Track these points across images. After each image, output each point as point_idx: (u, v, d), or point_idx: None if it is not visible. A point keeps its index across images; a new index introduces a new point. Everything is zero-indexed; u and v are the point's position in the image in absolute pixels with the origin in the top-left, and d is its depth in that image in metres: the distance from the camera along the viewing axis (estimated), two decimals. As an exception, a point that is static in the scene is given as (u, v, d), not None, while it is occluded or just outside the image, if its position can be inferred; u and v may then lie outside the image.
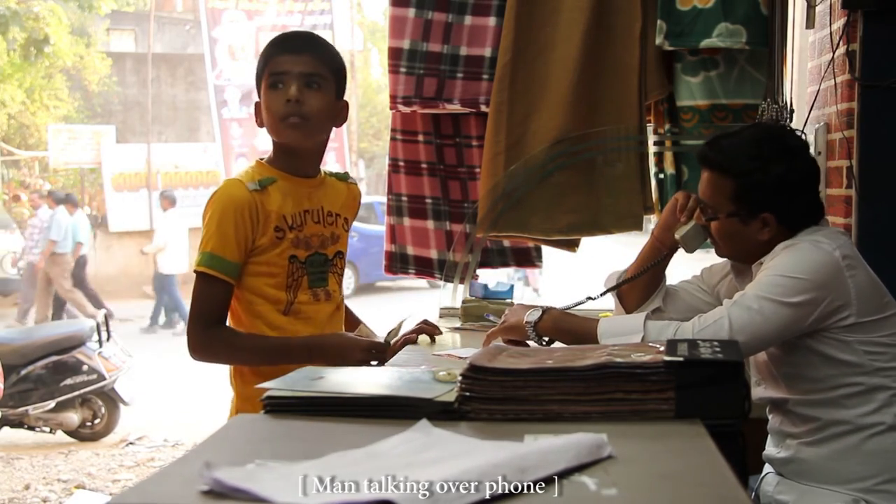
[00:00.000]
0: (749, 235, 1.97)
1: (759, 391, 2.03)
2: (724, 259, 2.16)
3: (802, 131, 2.19)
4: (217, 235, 1.95)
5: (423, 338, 2.28)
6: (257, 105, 2.06)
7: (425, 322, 2.30)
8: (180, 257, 11.62)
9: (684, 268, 2.40)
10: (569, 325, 1.98)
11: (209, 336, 1.98)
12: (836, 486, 1.90)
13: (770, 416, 2.07)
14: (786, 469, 1.99)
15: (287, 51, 2.02)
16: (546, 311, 2.01)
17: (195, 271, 1.98)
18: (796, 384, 1.95)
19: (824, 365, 1.90)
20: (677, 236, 2.09)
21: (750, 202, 1.95)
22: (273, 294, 2.01)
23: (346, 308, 2.26)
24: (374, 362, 2.03)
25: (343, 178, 2.20)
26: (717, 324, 1.82)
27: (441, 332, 2.23)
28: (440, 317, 2.94)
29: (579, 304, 2.19)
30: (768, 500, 2.01)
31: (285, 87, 1.98)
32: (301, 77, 1.99)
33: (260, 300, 2.01)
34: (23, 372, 6.02)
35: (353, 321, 2.27)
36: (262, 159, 2.09)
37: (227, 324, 2.03)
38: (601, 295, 2.18)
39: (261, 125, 2.05)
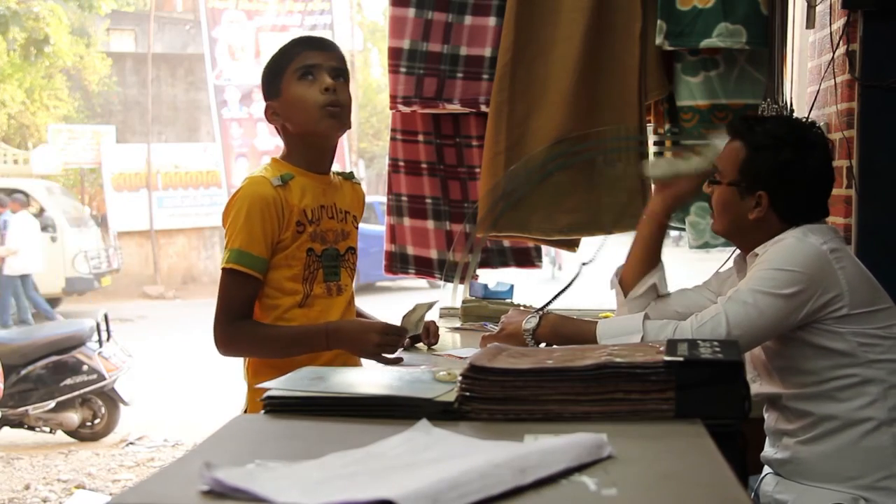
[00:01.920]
0: (741, 210, 2.02)
1: (754, 387, 2.04)
2: (730, 266, 2.19)
3: (832, 142, 2.22)
4: (245, 232, 1.97)
5: (421, 345, 2.29)
6: (271, 106, 2.07)
7: (431, 324, 2.30)
8: (33, 258, 11.56)
9: (686, 268, 2.40)
10: (567, 330, 1.99)
11: (233, 330, 1.99)
12: (835, 485, 1.91)
13: (766, 415, 2.08)
14: (784, 470, 2.00)
15: (315, 47, 2.06)
16: (543, 316, 2.01)
17: (223, 268, 1.99)
18: (790, 377, 1.97)
19: (817, 356, 1.92)
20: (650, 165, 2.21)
21: (752, 176, 2.00)
22: (290, 286, 2.04)
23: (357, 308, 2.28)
24: (391, 347, 2.02)
25: (349, 177, 2.24)
26: (714, 320, 1.84)
27: (436, 342, 2.25)
28: (440, 317, 2.95)
29: (566, 288, 2.21)
30: (768, 499, 2.01)
31: (318, 78, 2.02)
32: (331, 70, 2.03)
33: (277, 292, 2.04)
34: (23, 372, 6.02)
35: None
36: (275, 157, 2.13)
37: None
38: (580, 269, 2.20)
39: (276, 123, 2.07)
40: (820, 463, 1.93)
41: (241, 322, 2.00)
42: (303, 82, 2.02)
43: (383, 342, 2.00)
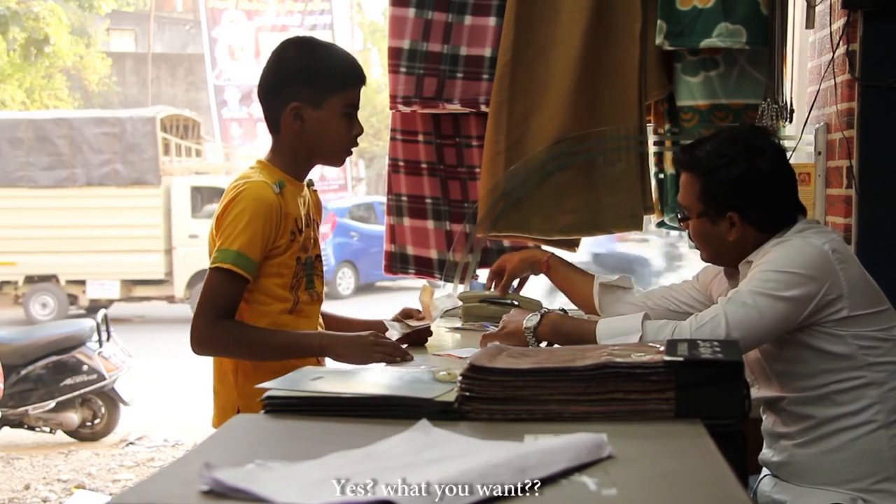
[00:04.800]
0: (719, 236, 2.01)
1: (752, 391, 2.04)
2: None
3: (777, 136, 2.24)
4: (246, 234, 1.97)
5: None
6: (299, 109, 2.05)
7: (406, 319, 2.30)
8: None
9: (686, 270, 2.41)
10: (567, 329, 1.99)
11: (219, 328, 1.98)
12: (833, 487, 1.91)
13: (763, 417, 2.08)
14: (782, 472, 2.00)
15: (363, 83, 2.13)
16: (544, 315, 2.01)
17: (218, 267, 1.98)
18: (789, 382, 1.96)
19: (817, 360, 1.92)
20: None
21: (716, 201, 1.99)
22: (281, 294, 2.06)
23: (330, 314, 2.31)
24: (382, 354, 2.03)
25: (309, 184, 2.24)
26: (713, 321, 1.84)
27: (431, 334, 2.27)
28: (440, 317, 2.94)
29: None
30: (766, 499, 2.01)
31: (354, 120, 2.10)
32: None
33: (269, 299, 2.05)
34: (23, 372, 6.02)
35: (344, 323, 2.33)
36: (262, 160, 2.12)
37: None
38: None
39: (295, 126, 2.06)
40: (817, 465, 1.93)
41: (228, 322, 1.99)
42: (345, 119, 2.08)
43: (377, 350, 2.01)
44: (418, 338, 2.26)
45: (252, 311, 2.04)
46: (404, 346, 2.14)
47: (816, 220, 2.08)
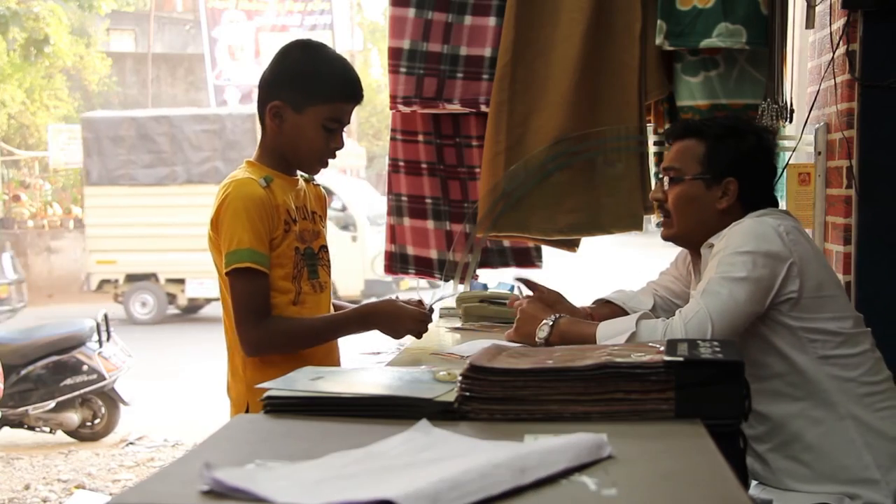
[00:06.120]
0: (708, 202, 2.05)
1: None
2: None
3: (771, 130, 2.31)
4: (250, 231, 1.99)
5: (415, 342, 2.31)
6: (279, 108, 2.06)
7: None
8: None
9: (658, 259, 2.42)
10: (571, 334, 2.01)
11: (266, 329, 2.02)
12: (818, 486, 1.92)
13: None
14: (767, 480, 2.01)
15: (354, 101, 2.12)
16: (554, 324, 2.02)
17: (236, 269, 1.99)
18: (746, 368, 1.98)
19: (771, 352, 1.95)
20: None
21: (719, 164, 2.04)
22: (284, 285, 2.07)
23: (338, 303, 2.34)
24: (420, 333, 2.17)
25: (309, 179, 2.26)
26: (697, 316, 1.88)
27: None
28: (440, 317, 2.94)
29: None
30: (754, 500, 2.02)
31: (335, 134, 2.10)
32: (346, 125, 2.14)
33: (272, 292, 2.06)
34: (23, 372, 6.02)
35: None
36: (249, 159, 2.15)
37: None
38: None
39: (274, 124, 2.07)
40: (798, 468, 1.96)
41: (269, 321, 2.02)
42: (324, 131, 2.07)
43: (418, 329, 2.13)
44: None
45: None
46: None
47: (785, 210, 2.11)
